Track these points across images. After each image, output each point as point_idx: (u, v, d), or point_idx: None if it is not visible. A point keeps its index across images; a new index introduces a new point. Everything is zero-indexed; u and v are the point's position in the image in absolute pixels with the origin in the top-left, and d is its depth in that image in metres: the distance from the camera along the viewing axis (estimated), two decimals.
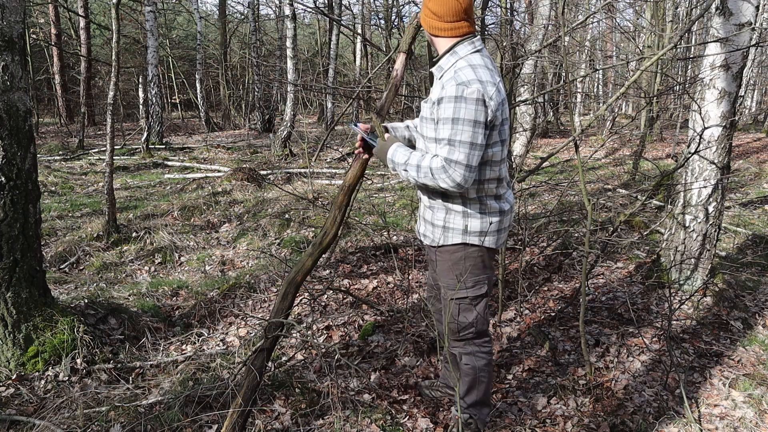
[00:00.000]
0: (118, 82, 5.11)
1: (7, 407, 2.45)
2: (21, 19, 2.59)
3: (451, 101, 1.89)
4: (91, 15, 17.55)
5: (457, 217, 2.15)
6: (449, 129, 1.91)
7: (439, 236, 2.19)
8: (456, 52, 2.00)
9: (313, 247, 2.01)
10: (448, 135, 1.92)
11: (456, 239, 2.16)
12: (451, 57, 2.00)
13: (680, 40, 3.06)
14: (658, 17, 10.61)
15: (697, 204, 3.78)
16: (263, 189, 7.37)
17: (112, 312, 3.22)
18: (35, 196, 2.75)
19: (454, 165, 1.93)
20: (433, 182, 1.98)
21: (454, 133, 1.91)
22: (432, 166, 1.96)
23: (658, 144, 13.14)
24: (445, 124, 1.92)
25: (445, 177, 1.94)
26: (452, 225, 2.16)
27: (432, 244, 2.24)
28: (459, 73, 1.93)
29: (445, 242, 2.19)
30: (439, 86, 1.99)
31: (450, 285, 2.23)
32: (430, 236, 2.25)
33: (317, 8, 10.34)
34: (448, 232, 2.17)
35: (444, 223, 2.16)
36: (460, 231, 2.16)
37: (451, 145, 1.92)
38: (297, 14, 12.76)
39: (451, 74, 1.95)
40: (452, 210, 2.15)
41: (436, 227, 2.19)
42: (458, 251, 2.18)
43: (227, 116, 17.02)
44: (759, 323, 3.53)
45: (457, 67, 1.96)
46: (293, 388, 2.67)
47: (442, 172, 1.94)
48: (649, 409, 2.62)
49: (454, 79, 1.91)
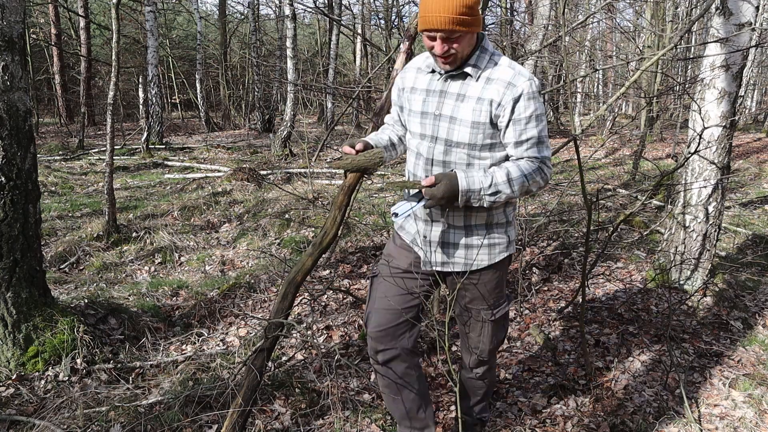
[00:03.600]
0: (118, 82, 5.11)
1: (7, 407, 2.45)
2: (21, 19, 2.59)
3: (531, 98, 1.74)
4: (91, 15, 17.54)
5: (500, 230, 1.94)
6: (535, 127, 1.76)
7: (482, 257, 1.93)
8: (485, 48, 1.81)
9: (313, 247, 2.01)
10: (536, 133, 1.76)
11: (503, 254, 1.96)
12: (483, 54, 1.80)
13: (680, 40, 3.06)
14: (658, 17, 10.60)
15: (697, 204, 3.78)
16: (263, 189, 7.37)
17: (112, 312, 3.22)
18: (35, 196, 2.75)
19: (547, 162, 1.80)
20: (527, 189, 1.78)
21: (541, 129, 1.77)
22: (526, 172, 1.76)
23: (658, 144, 13.14)
24: (529, 122, 1.75)
25: (540, 178, 1.79)
26: (497, 240, 1.94)
27: (471, 268, 1.94)
28: (515, 67, 1.78)
29: (492, 261, 1.95)
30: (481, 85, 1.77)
31: (494, 306, 2.03)
32: (460, 261, 1.95)
33: (317, 8, 10.34)
34: (495, 248, 1.94)
35: (488, 240, 1.92)
36: (505, 244, 1.96)
37: (541, 143, 1.78)
38: (297, 14, 12.76)
39: (505, 71, 1.76)
40: (495, 223, 1.93)
41: (474, 248, 1.92)
42: (502, 267, 1.99)
43: (227, 116, 17.03)
44: (759, 323, 3.53)
45: (503, 63, 1.79)
46: (293, 388, 2.68)
47: (538, 174, 1.78)
48: (649, 409, 2.62)
49: (521, 74, 1.75)
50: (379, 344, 2.01)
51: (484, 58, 1.79)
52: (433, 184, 1.72)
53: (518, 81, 1.73)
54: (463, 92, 1.80)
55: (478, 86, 1.78)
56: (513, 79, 1.74)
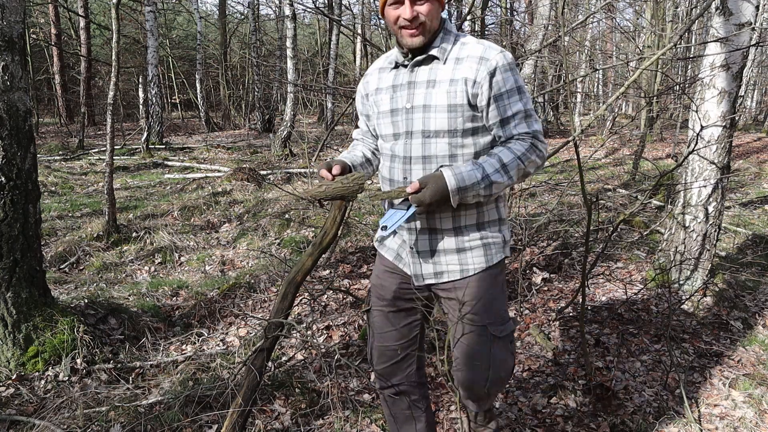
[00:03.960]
0: (118, 82, 5.11)
1: (7, 407, 2.46)
2: (21, 19, 2.59)
3: (508, 70, 1.59)
4: (91, 15, 17.55)
5: (493, 228, 1.72)
6: (519, 100, 1.60)
7: (478, 259, 1.70)
8: (449, 29, 1.67)
9: (313, 247, 2.01)
10: (522, 106, 1.60)
11: (499, 255, 1.73)
12: (448, 35, 1.66)
13: (680, 39, 3.06)
14: (658, 17, 10.60)
15: (697, 204, 3.78)
16: (263, 189, 7.37)
17: (112, 312, 3.22)
18: (35, 196, 2.75)
19: (540, 136, 1.63)
20: (524, 171, 1.61)
21: (526, 102, 1.61)
22: (519, 153, 1.59)
23: (658, 144, 13.15)
24: (512, 96, 1.60)
25: (536, 156, 1.61)
26: (492, 239, 1.71)
27: (465, 275, 1.71)
28: (483, 42, 1.64)
29: (490, 263, 1.71)
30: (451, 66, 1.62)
31: (498, 319, 1.72)
32: (455, 268, 1.71)
33: (317, 8, 10.35)
34: (491, 248, 1.71)
35: (481, 239, 1.70)
36: (500, 244, 1.73)
37: (529, 116, 1.61)
38: (297, 14, 12.77)
39: (474, 47, 1.62)
40: (488, 221, 1.71)
41: (467, 251, 1.70)
42: (500, 272, 1.75)
43: (227, 116, 17.03)
44: (759, 323, 3.53)
45: (470, 40, 1.65)
46: (293, 388, 2.68)
47: (532, 152, 1.60)
48: (649, 409, 2.62)
49: (491, 48, 1.61)
50: (385, 381, 1.90)
51: (449, 38, 1.65)
52: (419, 189, 1.55)
53: (490, 54, 1.59)
54: (432, 77, 1.64)
55: (448, 68, 1.63)
56: (484, 53, 1.60)
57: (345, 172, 1.72)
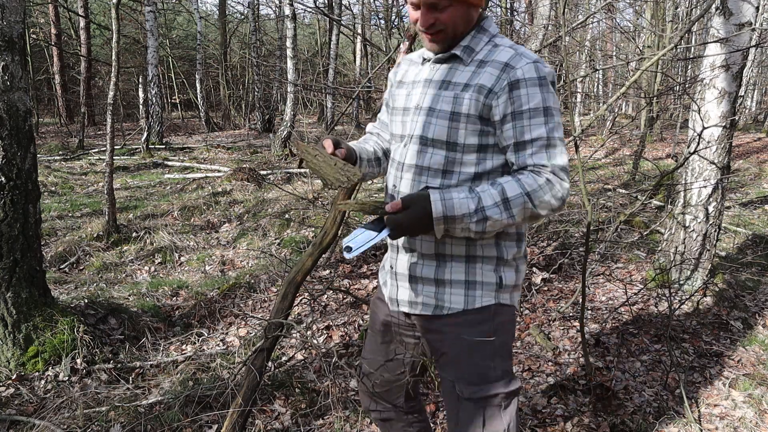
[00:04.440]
0: (118, 82, 5.11)
1: (7, 407, 2.46)
2: (21, 19, 2.59)
3: (537, 84, 1.32)
4: (91, 15, 17.55)
5: (487, 264, 1.44)
6: (543, 124, 1.33)
7: (455, 297, 1.44)
8: (485, 28, 1.43)
9: (313, 247, 2.01)
10: (545, 132, 1.33)
11: (486, 299, 1.44)
12: (481, 35, 1.42)
13: (680, 40, 3.06)
14: (658, 17, 10.60)
15: (697, 204, 3.78)
16: (263, 189, 7.37)
17: (112, 312, 3.22)
18: (35, 196, 2.75)
19: (561, 173, 1.33)
20: (532, 212, 1.32)
21: (552, 128, 1.33)
22: (530, 189, 1.29)
23: (658, 144, 13.15)
24: (534, 117, 1.32)
25: (551, 197, 1.30)
26: (479, 278, 1.44)
27: (438, 312, 1.46)
28: (518, 48, 1.39)
29: (469, 305, 1.43)
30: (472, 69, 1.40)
31: (470, 377, 1.45)
32: (430, 301, 1.47)
33: (317, 8, 10.35)
34: (475, 289, 1.43)
35: (465, 276, 1.43)
36: (492, 286, 1.44)
37: (551, 146, 1.33)
38: (297, 14, 12.78)
39: (504, 51, 1.38)
40: (481, 256, 1.43)
41: (446, 285, 1.44)
42: (486, 319, 1.44)
43: (227, 116, 17.03)
44: (759, 323, 3.53)
45: (504, 44, 1.41)
46: (293, 388, 2.68)
47: (547, 190, 1.30)
48: (649, 409, 2.62)
49: (523, 55, 1.35)
50: (371, 404, 1.76)
51: (480, 39, 1.42)
52: (399, 210, 1.29)
53: (518, 62, 1.34)
54: (449, 78, 1.43)
55: (468, 71, 1.40)
56: (511, 60, 1.35)
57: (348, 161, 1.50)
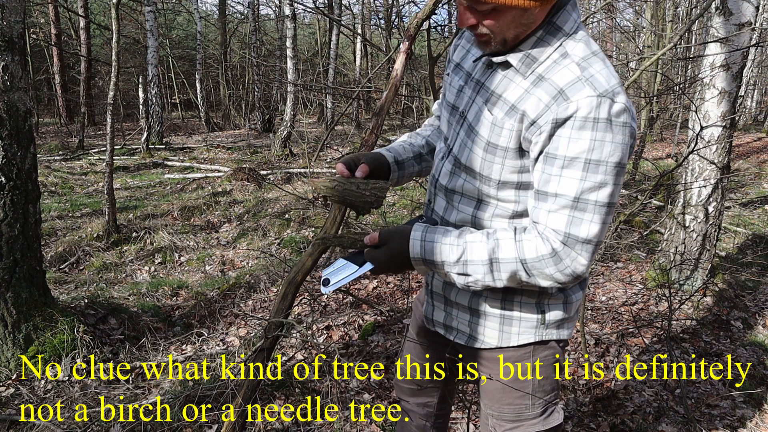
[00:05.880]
0: (118, 82, 5.11)
1: (7, 407, 2.46)
2: (21, 19, 2.59)
3: (590, 128, 1.01)
4: (91, 15, 17.55)
5: (528, 299, 1.24)
6: (579, 179, 1.03)
7: (489, 333, 1.29)
8: (558, 26, 1.08)
9: (313, 247, 2.01)
10: (575, 192, 1.04)
11: (525, 337, 1.27)
12: (551, 36, 1.08)
13: (680, 39, 3.06)
14: (658, 17, 10.61)
15: (697, 204, 3.78)
16: (263, 189, 7.37)
17: (112, 312, 3.22)
18: (35, 196, 2.75)
19: (578, 247, 1.06)
20: (523, 282, 1.12)
21: (588, 188, 1.03)
22: (528, 257, 1.08)
23: (658, 144, 13.15)
24: (570, 167, 1.03)
25: (554, 271, 1.07)
26: (518, 312, 1.26)
27: (471, 344, 1.33)
28: (591, 66, 1.05)
29: (503, 343, 1.29)
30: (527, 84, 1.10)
31: (507, 414, 1.33)
32: (464, 329, 1.33)
33: (317, 8, 10.35)
34: (512, 325, 1.27)
35: (502, 308, 1.26)
36: (532, 322, 1.26)
37: (579, 209, 1.04)
38: (297, 14, 12.78)
39: (569, 69, 1.05)
40: (518, 291, 1.23)
41: (480, 317, 1.29)
42: (526, 357, 1.29)
43: (227, 116, 17.04)
44: (759, 323, 3.53)
45: (577, 53, 1.07)
46: (293, 388, 2.68)
47: (550, 264, 1.07)
48: (649, 409, 2.62)
49: (589, 82, 1.03)
50: (400, 394, 1.67)
51: (547, 43, 1.08)
52: (377, 245, 1.18)
53: (577, 91, 1.02)
54: (499, 91, 1.14)
55: (522, 87, 1.10)
56: (570, 87, 1.03)
57: (374, 173, 1.31)
